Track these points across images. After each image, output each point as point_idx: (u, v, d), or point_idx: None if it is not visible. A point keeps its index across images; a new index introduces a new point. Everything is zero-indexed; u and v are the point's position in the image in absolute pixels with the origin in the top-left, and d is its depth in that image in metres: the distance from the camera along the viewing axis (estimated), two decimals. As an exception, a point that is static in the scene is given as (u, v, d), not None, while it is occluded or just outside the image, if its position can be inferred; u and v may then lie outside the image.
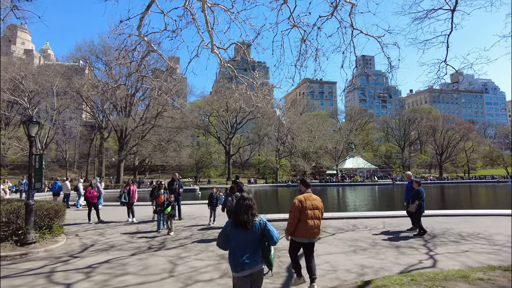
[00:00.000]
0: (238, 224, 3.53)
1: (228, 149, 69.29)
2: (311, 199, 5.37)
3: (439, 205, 23.79)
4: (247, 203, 3.63)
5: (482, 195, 34.42)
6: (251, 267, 3.45)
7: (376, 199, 30.87)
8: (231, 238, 3.54)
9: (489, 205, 22.22)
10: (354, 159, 78.27)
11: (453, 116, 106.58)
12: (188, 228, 11.17)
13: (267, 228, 3.59)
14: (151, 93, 48.54)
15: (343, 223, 11.33)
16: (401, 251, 7.51)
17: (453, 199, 30.40)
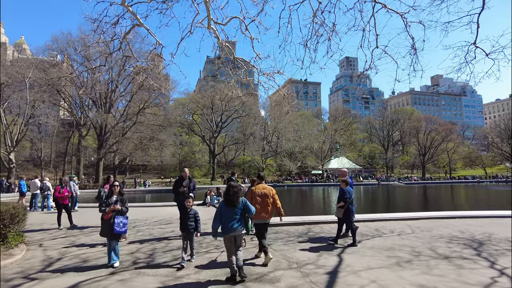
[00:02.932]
0: (229, 204, 5.54)
1: (212, 148, 67.20)
2: (261, 189, 6.79)
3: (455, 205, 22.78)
4: (235, 190, 5.63)
5: (475, 195, 33.93)
6: (235, 231, 5.42)
7: (370, 200, 29.81)
8: (222, 214, 5.51)
9: (491, 207, 21.37)
10: (339, 159, 77.83)
11: (435, 117, 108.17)
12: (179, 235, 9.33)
13: (247, 205, 5.67)
14: (135, 81, 45.79)
15: (362, 227, 9.77)
16: (456, 264, 5.99)
17: (458, 199, 29.67)
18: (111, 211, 6.22)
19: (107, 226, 6.22)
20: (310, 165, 72.91)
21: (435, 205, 24.19)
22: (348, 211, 7.73)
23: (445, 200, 29.16)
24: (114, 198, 6.42)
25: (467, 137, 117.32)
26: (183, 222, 6.43)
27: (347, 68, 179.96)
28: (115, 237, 6.21)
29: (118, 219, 6.20)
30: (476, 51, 9.78)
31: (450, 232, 8.84)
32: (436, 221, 10.63)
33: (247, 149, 73.86)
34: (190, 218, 6.37)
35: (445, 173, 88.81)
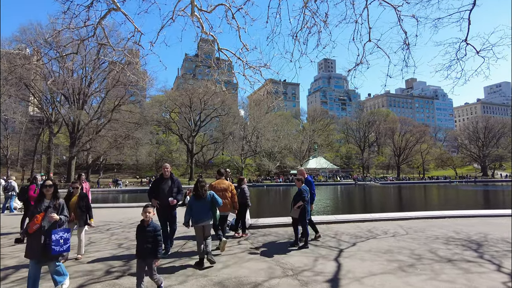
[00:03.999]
0: (198, 197, 6.22)
1: (190, 147, 65.85)
2: (220, 184, 7.50)
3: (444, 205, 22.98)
4: (203, 184, 6.34)
5: (447, 195, 34.71)
6: (204, 221, 6.10)
7: (351, 199, 29.84)
8: (193, 207, 6.18)
9: (477, 206, 21.77)
10: (317, 159, 78.43)
11: (410, 119, 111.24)
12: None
13: (214, 197, 6.36)
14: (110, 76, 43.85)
15: (353, 228, 9.36)
16: (462, 267, 5.60)
17: (432, 198, 30.16)
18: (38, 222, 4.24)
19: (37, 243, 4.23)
20: (289, 165, 73.02)
21: (413, 204, 24.45)
22: (304, 211, 7.23)
23: (419, 199, 29.62)
24: (46, 204, 4.47)
25: (439, 139, 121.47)
26: (137, 242, 4.72)
27: (325, 70, 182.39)
28: (52, 258, 4.41)
29: (57, 234, 4.32)
30: (467, 48, 9.56)
31: (445, 232, 8.56)
32: (426, 221, 10.38)
33: (226, 149, 72.99)
34: (147, 236, 4.61)
35: (419, 173, 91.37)
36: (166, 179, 6.95)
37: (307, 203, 7.37)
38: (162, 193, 6.78)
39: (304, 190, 7.36)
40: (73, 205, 6.51)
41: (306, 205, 7.30)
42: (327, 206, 23.25)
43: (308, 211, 7.40)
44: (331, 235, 8.46)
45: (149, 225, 4.74)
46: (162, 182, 6.91)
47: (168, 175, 6.97)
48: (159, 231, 4.79)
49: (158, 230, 4.80)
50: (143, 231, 4.70)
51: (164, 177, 6.97)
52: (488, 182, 69.52)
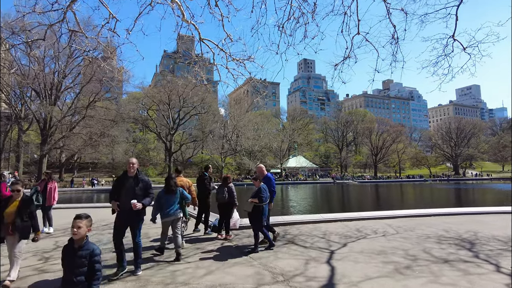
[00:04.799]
0: (168, 191, 6.38)
1: (169, 146, 64.33)
2: (178, 181, 7.32)
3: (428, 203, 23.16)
4: (174, 179, 6.62)
5: (422, 193, 35.39)
6: (173, 215, 6.28)
7: (331, 198, 29.84)
8: (163, 201, 6.33)
9: (456, 204, 22.13)
10: (297, 158, 78.93)
11: (387, 119, 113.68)
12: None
13: (183, 193, 6.62)
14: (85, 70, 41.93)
15: (341, 227, 9.02)
16: (460, 268, 5.32)
17: (409, 197, 30.59)
18: None
19: None
20: (269, 164, 72.80)
21: (394, 202, 24.63)
22: (260, 212, 6.61)
23: (399, 198, 30.00)
24: None
25: (414, 139, 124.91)
26: (63, 271, 3.58)
27: (304, 70, 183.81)
28: None
29: None
30: (454, 44, 9.40)
31: (435, 231, 8.35)
32: (413, 219, 10.20)
33: (206, 147, 71.87)
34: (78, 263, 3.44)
35: (395, 172, 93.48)
36: (131, 177, 5.47)
37: (266, 203, 6.75)
38: (124, 194, 5.32)
39: (264, 189, 6.75)
40: (11, 213, 4.84)
41: (265, 206, 6.69)
42: (309, 204, 23.05)
43: (265, 213, 6.76)
44: (320, 235, 8.06)
45: (83, 247, 3.47)
46: (125, 181, 5.45)
47: (134, 173, 5.50)
48: (97, 255, 3.52)
49: (96, 254, 3.51)
50: (72, 256, 3.45)
51: (128, 175, 5.50)
52: (460, 181, 72.01)
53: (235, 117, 69.93)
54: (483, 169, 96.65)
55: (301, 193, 34.25)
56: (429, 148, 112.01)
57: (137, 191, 5.33)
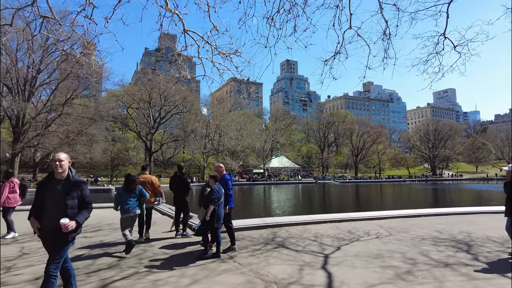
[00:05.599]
0: (128, 190, 6.73)
1: (149, 145, 62.83)
2: (141, 178, 7.91)
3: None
4: (133, 178, 6.90)
5: (401, 193, 35.84)
6: (132, 212, 6.61)
7: (316, 197, 29.70)
8: (123, 199, 6.64)
9: (439, 204, 22.34)
10: (280, 158, 78.98)
11: (367, 121, 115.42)
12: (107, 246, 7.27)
13: (142, 191, 6.98)
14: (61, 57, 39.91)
15: (332, 229, 8.66)
16: (463, 273, 5.01)
17: (390, 197, 30.82)
18: None
19: None
20: (252, 164, 72.46)
21: (377, 202, 24.73)
22: (214, 215, 6.12)
23: (382, 197, 30.21)
24: None
25: (393, 140, 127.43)
26: None
27: (287, 71, 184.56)
28: None
29: None
30: (444, 42, 9.24)
31: (428, 232, 8.11)
32: (404, 220, 9.98)
33: (188, 147, 70.65)
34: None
35: (375, 172, 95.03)
36: (60, 181, 3.78)
37: (218, 206, 6.18)
38: (50, 206, 3.70)
39: (216, 190, 6.23)
40: None
41: (217, 208, 6.15)
42: (295, 205, 22.76)
43: (219, 215, 6.22)
44: (311, 237, 7.65)
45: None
46: (51, 187, 3.76)
47: (64, 174, 3.80)
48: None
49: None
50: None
51: (56, 178, 3.80)
52: (437, 181, 73.84)
53: (218, 117, 69.05)
54: (459, 169, 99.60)
55: (285, 194, 34.00)
56: (408, 149, 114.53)
57: (68, 202, 3.69)
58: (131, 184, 6.76)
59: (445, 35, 9.05)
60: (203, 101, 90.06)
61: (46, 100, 49.77)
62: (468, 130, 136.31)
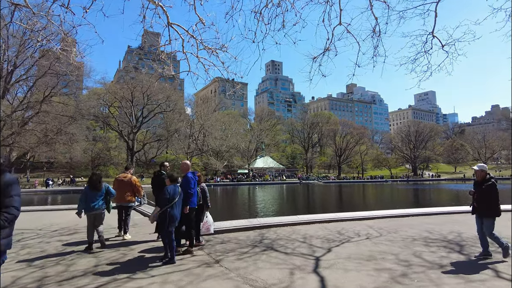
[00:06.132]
0: (94, 188, 6.79)
1: (131, 145, 61.55)
2: (122, 177, 8.06)
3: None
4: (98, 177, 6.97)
5: (384, 193, 36.24)
6: (97, 210, 6.72)
7: (301, 197, 29.61)
8: (88, 197, 6.68)
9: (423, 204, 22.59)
10: (264, 158, 78.85)
11: (350, 122, 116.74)
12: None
13: (109, 189, 7.09)
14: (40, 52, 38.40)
15: (321, 229, 8.42)
16: (459, 275, 4.85)
17: (373, 197, 31.05)
18: None
19: None
20: (236, 164, 71.99)
21: (361, 202, 24.84)
22: (165, 217, 5.72)
23: (365, 197, 30.43)
24: None
25: (376, 141, 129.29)
26: None
27: (272, 71, 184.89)
28: None
29: None
30: (433, 41, 9.18)
31: (418, 232, 7.98)
32: (392, 220, 9.86)
33: (171, 147, 69.61)
34: None
35: (358, 173, 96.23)
36: None
37: (172, 207, 5.77)
38: None
39: (167, 191, 5.83)
40: None
41: (170, 209, 5.74)
42: (280, 205, 22.56)
43: (173, 218, 5.78)
44: (300, 239, 7.38)
45: None
46: None
47: None
48: None
49: None
50: None
51: None
52: (418, 181, 75.34)
53: (202, 116, 68.26)
54: (438, 170, 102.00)
55: (270, 194, 33.80)
56: (390, 150, 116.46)
57: None
58: (96, 183, 6.84)
59: (433, 34, 8.98)
60: (187, 101, 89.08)
61: (23, 97, 47.98)
62: (447, 132, 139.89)
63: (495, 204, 5.62)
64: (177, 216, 5.88)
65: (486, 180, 5.74)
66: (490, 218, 5.67)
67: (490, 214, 5.66)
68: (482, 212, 5.74)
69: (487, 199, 5.66)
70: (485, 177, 5.77)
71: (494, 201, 5.63)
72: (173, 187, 5.95)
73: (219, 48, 9.48)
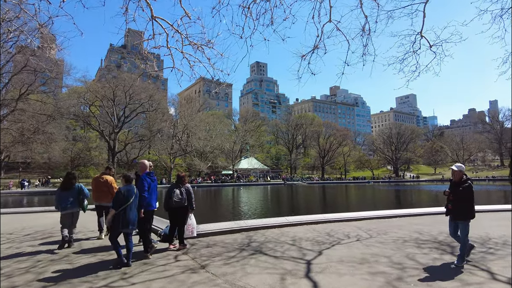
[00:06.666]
0: (65, 188, 7.01)
1: (112, 145, 60.08)
2: (99, 177, 7.92)
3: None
4: (70, 176, 7.20)
5: (366, 194, 36.57)
6: (71, 209, 6.90)
7: (286, 198, 29.45)
8: (62, 197, 6.89)
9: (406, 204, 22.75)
10: (249, 159, 78.67)
11: (334, 124, 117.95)
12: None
13: (82, 189, 7.17)
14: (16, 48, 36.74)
15: (309, 231, 8.19)
16: (455, 278, 4.70)
17: (356, 198, 31.21)
18: None
19: None
20: (220, 165, 71.37)
21: (346, 202, 24.86)
22: (118, 219, 5.48)
23: (348, 198, 30.56)
24: None
25: (358, 143, 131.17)
26: None
27: (257, 72, 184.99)
28: None
29: None
30: (421, 41, 9.14)
31: (408, 233, 7.86)
32: (381, 221, 9.74)
33: (153, 147, 68.32)
34: None
35: (341, 174, 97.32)
36: None
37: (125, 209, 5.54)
38: None
39: (122, 191, 5.62)
40: None
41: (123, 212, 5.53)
42: (266, 206, 22.30)
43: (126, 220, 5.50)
44: (289, 241, 7.12)
45: None
46: None
47: None
48: None
49: None
50: None
51: None
52: (400, 182, 76.71)
53: (186, 116, 67.26)
54: (419, 171, 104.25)
55: (254, 195, 33.51)
56: (372, 151, 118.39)
57: None
58: (67, 182, 7.05)
59: (421, 34, 8.93)
60: (170, 100, 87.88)
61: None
62: (428, 134, 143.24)
63: (470, 206, 5.43)
64: (131, 219, 5.60)
65: (463, 181, 5.52)
66: (465, 221, 5.47)
67: (466, 216, 5.45)
68: (458, 215, 5.51)
69: (463, 201, 5.43)
70: (462, 178, 5.57)
71: (470, 203, 5.43)
72: (127, 188, 5.72)
73: (205, 44, 9.11)
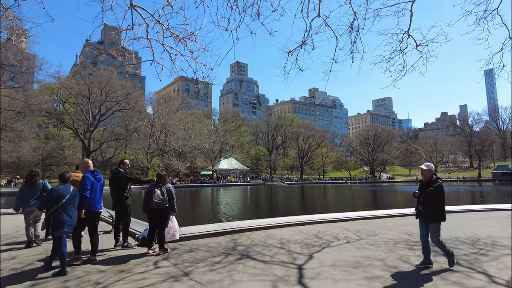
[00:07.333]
0: (30, 185, 6.95)
1: (87, 144, 57.97)
2: (75, 177, 6.68)
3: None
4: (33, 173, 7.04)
5: (344, 194, 36.92)
6: (32, 207, 6.62)
7: (267, 199, 29.19)
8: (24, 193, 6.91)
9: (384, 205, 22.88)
10: (229, 160, 78.12)
11: (313, 125, 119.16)
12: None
13: (45, 185, 7.12)
14: None
15: (297, 233, 7.88)
16: (453, 281, 4.48)
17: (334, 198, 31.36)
18: None
19: None
20: (200, 166, 70.36)
21: (327, 203, 24.86)
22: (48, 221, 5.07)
23: (328, 198, 30.69)
24: None
25: (336, 144, 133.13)
26: None
27: (237, 72, 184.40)
28: None
29: None
30: (408, 41, 9.03)
31: (397, 235, 7.69)
32: (368, 222, 9.58)
33: (130, 147, 66.53)
34: None
35: (319, 174, 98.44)
36: None
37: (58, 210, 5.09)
38: None
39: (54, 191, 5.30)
40: None
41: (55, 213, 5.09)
42: (248, 207, 21.92)
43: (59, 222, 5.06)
44: (277, 244, 6.77)
45: None
46: None
47: None
48: None
49: None
50: None
51: None
52: (376, 183, 78.36)
53: (164, 115, 65.85)
54: (395, 172, 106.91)
55: (234, 196, 33.06)
56: (349, 152, 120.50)
57: None
58: (29, 179, 7.01)
59: (409, 33, 8.81)
60: (148, 99, 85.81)
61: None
62: (403, 136, 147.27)
63: (441, 207, 5.20)
64: (64, 220, 5.10)
65: (432, 181, 5.29)
66: (436, 222, 5.24)
67: (436, 218, 5.22)
68: (428, 216, 5.29)
69: (433, 201, 5.19)
70: (431, 178, 5.34)
71: (440, 204, 5.20)
72: (62, 187, 5.31)
73: (187, 37, 8.59)
